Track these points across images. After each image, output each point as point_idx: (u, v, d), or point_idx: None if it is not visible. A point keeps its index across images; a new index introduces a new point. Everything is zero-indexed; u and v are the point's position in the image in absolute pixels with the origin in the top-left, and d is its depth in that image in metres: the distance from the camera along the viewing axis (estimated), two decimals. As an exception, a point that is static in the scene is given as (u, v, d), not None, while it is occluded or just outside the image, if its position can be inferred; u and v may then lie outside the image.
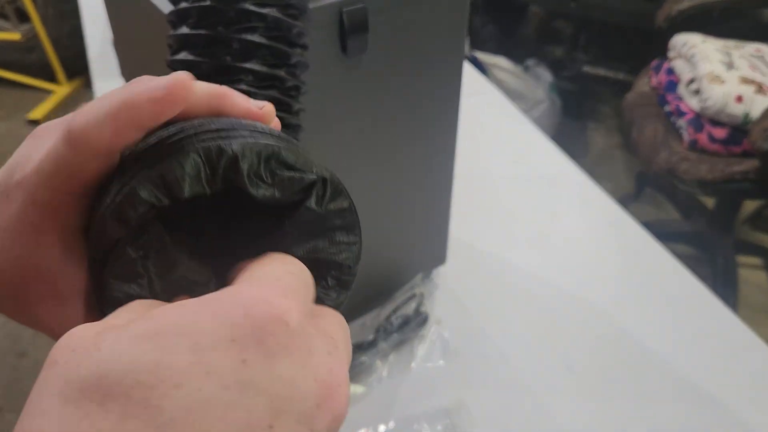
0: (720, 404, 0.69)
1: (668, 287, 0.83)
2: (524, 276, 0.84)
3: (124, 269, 0.22)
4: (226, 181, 0.22)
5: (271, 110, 0.26)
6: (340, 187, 0.25)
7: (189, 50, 0.32)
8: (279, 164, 0.23)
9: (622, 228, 0.92)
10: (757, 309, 1.65)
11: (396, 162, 0.65)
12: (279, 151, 0.23)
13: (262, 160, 0.23)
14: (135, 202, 0.22)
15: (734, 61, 1.48)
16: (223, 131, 0.23)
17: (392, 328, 0.73)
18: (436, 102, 0.64)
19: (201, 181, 0.22)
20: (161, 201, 0.22)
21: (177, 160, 0.22)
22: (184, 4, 0.32)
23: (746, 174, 1.40)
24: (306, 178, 0.23)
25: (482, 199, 0.96)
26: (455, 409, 0.68)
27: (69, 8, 2.17)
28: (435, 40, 0.59)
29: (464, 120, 0.69)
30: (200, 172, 0.22)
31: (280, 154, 0.23)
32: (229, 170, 0.22)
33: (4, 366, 1.59)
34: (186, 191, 0.22)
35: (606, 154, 2.23)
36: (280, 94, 0.33)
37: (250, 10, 0.31)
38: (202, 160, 0.22)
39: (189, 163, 0.22)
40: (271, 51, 0.32)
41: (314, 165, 0.24)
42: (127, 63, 0.75)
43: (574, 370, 0.73)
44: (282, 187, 0.23)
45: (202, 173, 0.22)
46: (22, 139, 0.26)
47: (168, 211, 0.23)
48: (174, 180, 0.22)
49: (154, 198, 0.22)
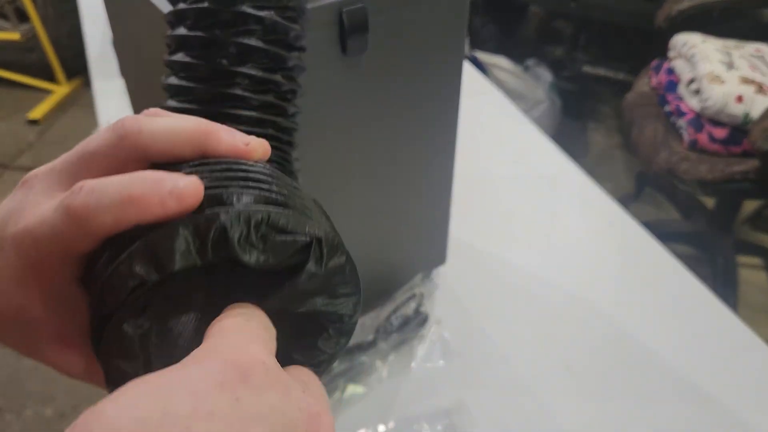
0: (720, 404, 0.69)
1: (668, 287, 0.83)
2: (524, 276, 0.84)
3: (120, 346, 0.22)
4: (217, 252, 0.22)
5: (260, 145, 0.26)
6: (336, 242, 0.24)
7: (186, 51, 0.32)
8: (270, 229, 0.23)
9: (622, 228, 0.91)
10: (757, 309, 1.65)
11: (396, 162, 0.65)
12: (269, 216, 0.22)
13: (252, 228, 0.22)
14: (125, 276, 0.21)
15: (734, 61, 1.48)
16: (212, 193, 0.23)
17: (392, 328, 0.73)
18: (436, 102, 0.64)
19: (191, 254, 0.22)
20: (151, 276, 0.21)
21: (166, 234, 0.21)
22: (182, 5, 0.32)
23: (746, 174, 1.40)
24: (299, 241, 0.23)
25: (482, 199, 0.96)
26: (455, 409, 0.68)
27: (69, 8, 2.17)
28: (435, 40, 0.59)
29: (464, 120, 0.69)
30: (189, 245, 0.22)
31: (270, 219, 0.22)
32: (218, 241, 0.22)
33: (3, 367, 1.59)
34: (177, 265, 0.22)
35: (606, 154, 2.23)
36: (276, 98, 0.33)
37: (248, 12, 0.31)
38: (191, 233, 0.22)
39: (177, 237, 0.21)
40: (268, 54, 0.32)
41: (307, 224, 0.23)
42: (127, 63, 0.75)
43: (574, 370, 0.73)
44: (275, 252, 0.23)
45: (192, 246, 0.22)
46: (22, 139, 0.26)
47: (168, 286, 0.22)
48: (163, 255, 0.21)
49: (144, 272, 0.21)
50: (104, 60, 1.25)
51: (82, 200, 0.22)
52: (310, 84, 0.37)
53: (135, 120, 0.25)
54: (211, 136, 0.25)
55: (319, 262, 0.24)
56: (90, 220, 0.22)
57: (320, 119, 0.55)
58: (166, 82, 0.33)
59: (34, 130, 2.45)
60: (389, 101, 0.60)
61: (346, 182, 0.63)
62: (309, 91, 0.37)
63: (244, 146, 0.26)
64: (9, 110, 2.57)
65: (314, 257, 0.23)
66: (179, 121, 0.25)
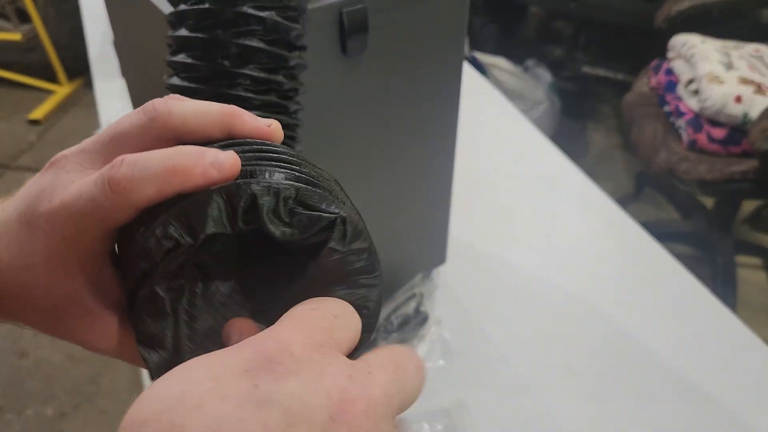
0: (719, 404, 0.69)
1: (668, 287, 0.83)
2: (524, 276, 0.84)
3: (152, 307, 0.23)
4: (247, 221, 0.23)
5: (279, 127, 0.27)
6: (360, 226, 0.25)
7: (187, 52, 0.32)
8: (298, 204, 0.24)
9: (622, 228, 0.92)
10: (756, 309, 1.65)
11: (396, 162, 0.66)
12: (298, 191, 0.24)
13: (280, 200, 0.23)
14: (161, 238, 0.23)
15: (733, 62, 1.48)
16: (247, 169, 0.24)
17: (392, 328, 0.73)
18: (436, 102, 0.64)
19: (222, 221, 0.23)
20: (184, 239, 0.23)
21: (199, 200, 0.23)
22: (183, 6, 0.32)
23: (745, 174, 1.40)
24: (324, 218, 0.24)
25: (482, 199, 0.96)
26: (455, 409, 0.68)
27: (69, 8, 2.17)
28: (435, 40, 0.59)
29: (464, 120, 0.69)
30: (221, 212, 0.23)
31: (299, 195, 0.24)
32: (248, 210, 0.23)
33: (4, 366, 1.59)
34: (207, 230, 0.23)
35: (606, 154, 2.23)
36: (278, 97, 0.33)
37: (249, 13, 0.31)
38: (224, 200, 0.23)
39: (211, 203, 0.23)
40: (269, 55, 0.32)
41: (333, 203, 0.24)
42: (128, 63, 0.75)
43: (574, 370, 0.73)
44: (301, 226, 0.24)
45: (223, 213, 0.23)
46: (23, 139, 0.26)
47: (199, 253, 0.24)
48: (196, 219, 0.23)
49: (177, 235, 0.23)
50: (105, 60, 1.25)
51: (125, 172, 0.23)
52: (310, 84, 0.37)
53: (164, 102, 0.26)
54: (237, 117, 0.26)
55: (342, 240, 0.25)
56: (132, 191, 0.23)
57: (320, 120, 0.55)
58: (168, 82, 0.33)
59: (35, 130, 2.45)
60: (389, 101, 0.60)
61: (346, 182, 0.63)
62: (309, 92, 0.37)
63: (267, 128, 0.27)
64: (10, 110, 2.58)
65: (338, 234, 0.24)
66: (207, 104, 0.26)
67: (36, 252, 0.25)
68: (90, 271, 0.25)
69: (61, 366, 1.58)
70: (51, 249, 0.24)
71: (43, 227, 0.24)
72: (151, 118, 0.25)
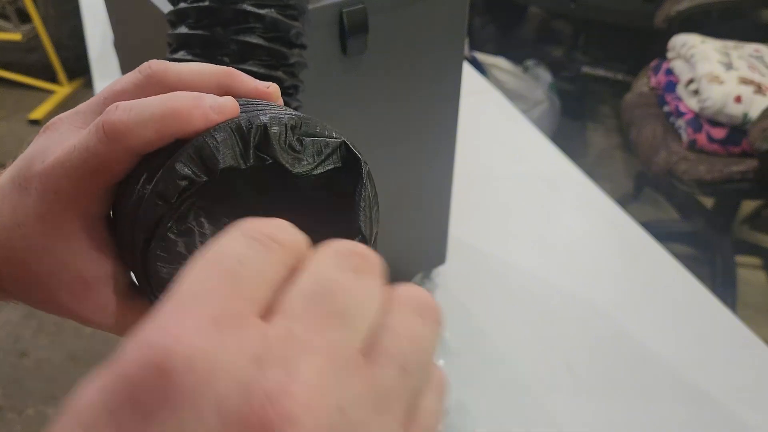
0: (719, 404, 0.69)
1: (667, 287, 0.83)
2: (524, 276, 0.84)
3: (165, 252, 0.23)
4: (258, 154, 0.23)
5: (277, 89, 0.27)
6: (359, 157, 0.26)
7: (187, 50, 0.32)
8: (304, 133, 0.24)
9: (622, 228, 0.92)
10: (756, 309, 1.65)
11: (396, 162, 0.66)
12: (302, 120, 0.24)
13: (288, 129, 0.24)
14: (175, 177, 0.22)
15: (733, 62, 1.48)
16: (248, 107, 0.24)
17: (392, 328, 0.73)
18: (436, 102, 0.64)
19: (235, 155, 0.23)
20: (199, 176, 0.22)
21: (210, 135, 0.23)
22: (183, 4, 0.32)
23: (745, 174, 1.40)
24: (331, 142, 0.25)
25: (482, 199, 0.96)
26: (455, 409, 0.68)
27: (70, 8, 2.17)
28: (435, 40, 0.59)
29: (464, 120, 0.69)
30: (234, 145, 0.23)
31: (304, 124, 0.24)
32: (260, 141, 0.23)
33: (4, 366, 1.59)
34: (221, 163, 0.23)
35: (605, 155, 2.23)
36: None
37: (248, 10, 0.31)
38: (234, 134, 0.23)
39: (222, 137, 0.23)
40: (269, 52, 0.32)
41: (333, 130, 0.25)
42: (128, 63, 0.75)
43: (574, 370, 0.73)
44: (311, 152, 0.24)
45: (236, 146, 0.23)
46: (22, 139, 0.26)
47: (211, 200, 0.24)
48: (209, 154, 0.22)
49: (192, 173, 0.22)
50: (105, 60, 1.25)
51: (120, 116, 0.23)
52: (310, 84, 0.37)
53: (161, 61, 0.25)
54: (235, 77, 0.26)
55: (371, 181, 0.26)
56: (128, 135, 0.22)
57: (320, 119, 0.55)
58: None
59: (36, 130, 2.43)
60: (389, 101, 0.60)
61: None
62: (309, 92, 0.37)
63: (266, 89, 0.27)
64: (10, 110, 2.58)
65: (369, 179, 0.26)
66: (204, 65, 0.26)
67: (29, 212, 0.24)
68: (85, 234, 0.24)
69: (62, 366, 1.58)
70: (45, 208, 0.23)
71: (36, 187, 0.24)
72: (147, 75, 0.25)
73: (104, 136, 0.22)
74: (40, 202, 0.23)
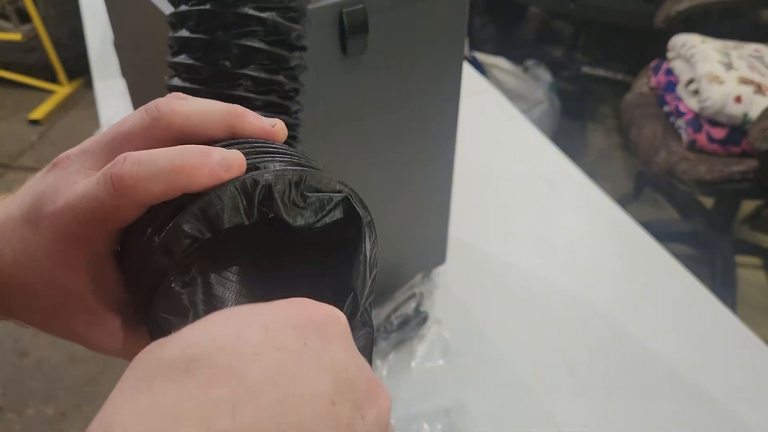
0: (719, 403, 0.69)
1: (667, 287, 0.83)
2: (524, 276, 0.84)
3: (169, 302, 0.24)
4: (262, 210, 0.24)
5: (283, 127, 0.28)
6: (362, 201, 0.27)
7: (188, 53, 0.32)
8: (308, 187, 0.25)
9: (622, 228, 0.92)
10: (756, 309, 1.66)
11: (396, 162, 0.66)
12: (307, 174, 0.24)
13: (292, 186, 0.24)
14: (180, 236, 0.23)
15: (733, 62, 1.48)
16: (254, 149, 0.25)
17: (392, 328, 0.74)
18: (436, 102, 0.64)
19: (239, 212, 0.23)
20: (203, 234, 0.23)
21: (217, 195, 0.23)
22: (184, 6, 0.32)
23: (745, 174, 1.40)
24: (335, 197, 0.25)
25: (482, 199, 0.96)
26: (455, 409, 0.68)
27: (70, 8, 2.17)
28: (435, 40, 0.59)
29: (464, 120, 0.69)
30: (238, 203, 0.23)
31: (309, 177, 0.24)
32: (264, 198, 0.24)
33: (4, 366, 1.59)
34: (226, 223, 0.23)
35: (605, 155, 2.23)
36: (279, 97, 0.33)
37: (250, 14, 0.31)
38: (239, 192, 0.23)
39: (227, 196, 0.23)
40: (270, 55, 0.32)
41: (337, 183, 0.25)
42: (128, 63, 0.75)
43: (574, 370, 0.73)
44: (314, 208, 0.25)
45: (240, 205, 0.23)
46: (23, 139, 0.27)
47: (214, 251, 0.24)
48: (215, 214, 0.23)
49: (197, 231, 0.23)
50: (105, 60, 1.25)
51: (128, 170, 0.23)
52: (310, 85, 0.37)
53: (167, 102, 0.26)
54: (240, 117, 0.26)
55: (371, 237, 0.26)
56: (137, 189, 0.23)
57: (320, 120, 0.55)
58: (169, 83, 0.33)
59: (36, 130, 2.45)
60: (389, 101, 0.60)
61: (346, 181, 0.63)
62: (309, 92, 0.37)
63: (271, 127, 0.27)
64: (10, 110, 2.58)
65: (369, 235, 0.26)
66: (210, 103, 0.26)
67: (39, 250, 0.25)
68: (93, 270, 0.25)
69: (62, 366, 1.58)
70: (55, 247, 0.25)
71: (47, 227, 0.25)
72: (154, 117, 0.25)
73: (113, 189, 0.23)
74: (51, 241, 0.25)
